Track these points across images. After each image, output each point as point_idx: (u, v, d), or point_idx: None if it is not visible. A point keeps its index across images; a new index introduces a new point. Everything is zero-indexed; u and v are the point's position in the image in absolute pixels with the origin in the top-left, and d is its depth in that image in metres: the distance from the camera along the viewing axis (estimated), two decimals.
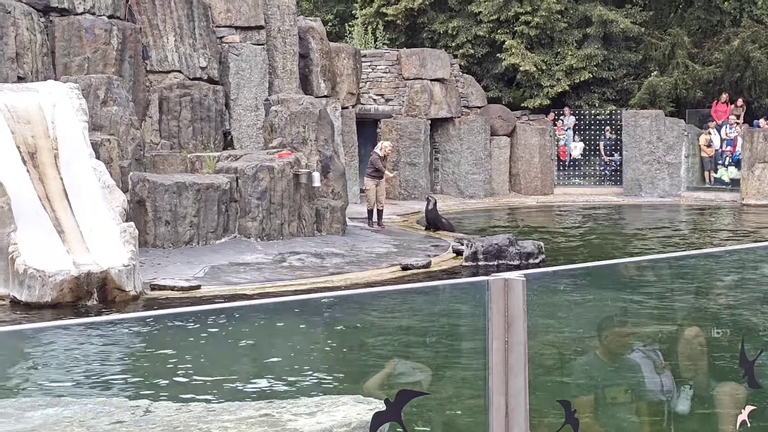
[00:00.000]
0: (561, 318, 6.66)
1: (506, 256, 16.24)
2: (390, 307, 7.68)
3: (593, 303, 6.52)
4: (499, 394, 3.67)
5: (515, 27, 30.10)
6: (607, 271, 5.65)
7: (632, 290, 6.47)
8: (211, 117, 20.87)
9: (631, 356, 5.54)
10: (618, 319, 6.16)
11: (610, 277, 6.00)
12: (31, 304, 12.83)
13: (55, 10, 19.15)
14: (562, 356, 5.88)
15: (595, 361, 5.44)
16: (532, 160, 29.06)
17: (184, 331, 8.42)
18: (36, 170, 14.52)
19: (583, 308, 6.74)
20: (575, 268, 5.51)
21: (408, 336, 7.97)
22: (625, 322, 6.25)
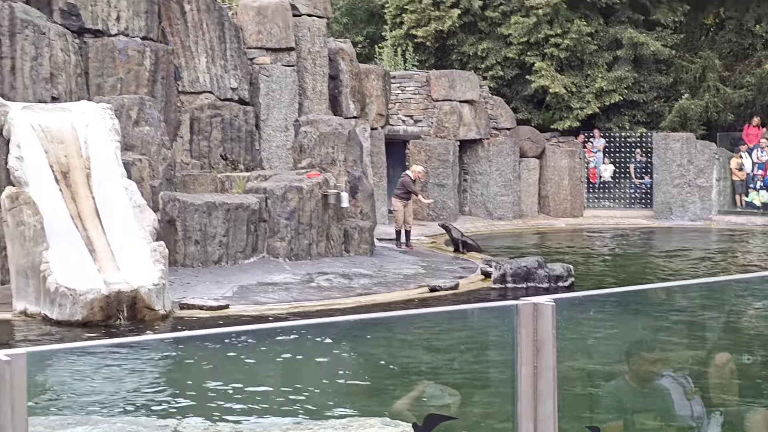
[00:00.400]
0: (590, 342, 6.63)
1: (535, 278, 16.18)
2: (418, 329, 7.68)
3: (623, 327, 6.49)
4: (528, 419, 3.66)
5: (545, 49, 30.09)
6: (637, 296, 5.62)
7: (662, 315, 6.43)
8: (241, 137, 20.98)
9: (660, 382, 5.50)
10: (648, 344, 6.13)
11: (640, 302, 5.98)
12: (61, 322, 12.91)
13: (89, 31, 19.34)
14: (592, 381, 5.86)
15: (625, 386, 5.42)
16: (562, 182, 28.98)
17: (214, 350, 8.44)
18: (69, 189, 14.64)
19: (612, 333, 6.71)
20: (605, 294, 5.49)
21: (436, 359, 7.96)
22: (655, 348, 6.22)
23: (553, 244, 24.06)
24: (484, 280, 16.93)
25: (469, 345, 6.88)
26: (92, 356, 7.96)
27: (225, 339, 7.30)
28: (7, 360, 3.00)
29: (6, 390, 2.98)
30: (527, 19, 29.84)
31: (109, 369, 8.76)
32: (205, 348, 8.17)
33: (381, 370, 8.79)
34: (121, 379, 8.73)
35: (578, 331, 5.72)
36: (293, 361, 8.22)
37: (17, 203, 13.97)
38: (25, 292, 13.61)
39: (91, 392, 8.29)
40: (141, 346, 8.84)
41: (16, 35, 18.09)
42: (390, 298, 15.23)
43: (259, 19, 21.63)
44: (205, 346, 7.53)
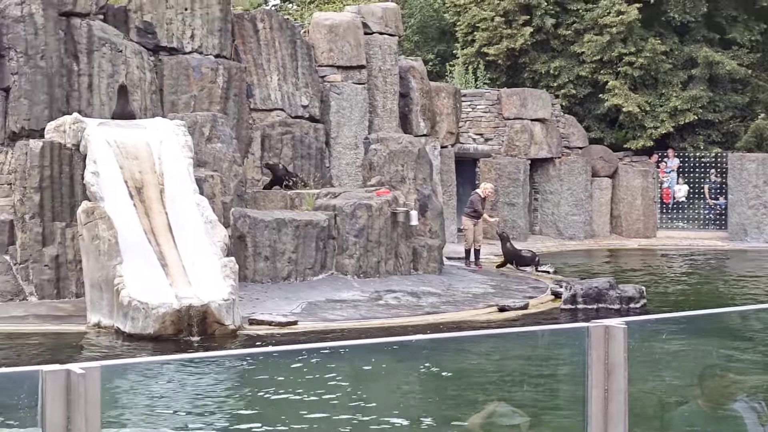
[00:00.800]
0: (662, 366, 6.54)
1: (606, 299, 15.99)
2: (487, 349, 7.64)
3: (695, 351, 6.39)
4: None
5: (618, 67, 29.84)
6: (711, 320, 5.54)
7: (736, 339, 6.33)
8: (312, 155, 21.12)
9: (733, 406, 5.41)
10: (721, 368, 6.03)
11: (714, 326, 5.89)
12: (133, 335, 13.08)
13: (165, 49, 19.65)
14: (663, 405, 5.78)
15: (697, 410, 5.33)
16: (635, 202, 28.66)
17: (283, 366, 8.48)
18: (142, 205, 14.85)
19: (684, 356, 6.61)
20: (678, 317, 5.41)
21: (505, 380, 7.91)
22: (728, 372, 6.12)
23: (625, 265, 23.80)
24: (554, 300, 16.79)
25: (539, 367, 6.83)
26: (164, 370, 8.04)
27: (295, 355, 7.34)
28: (82, 373, 3.05)
29: (81, 403, 3.03)
30: (600, 37, 29.64)
31: (180, 383, 8.85)
32: (275, 364, 8.21)
33: (449, 389, 8.76)
34: (191, 393, 8.81)
35: (650, 354, 5.64)
36: (362, 380, 8.23)
37: (93, 218, 14.21)
38: (99, 305, 13.82)
39: (162, 406, 8.38)
40: (211, 361, 8.92)
41: (93, 53, 18.44)
42: (459, 318, 15.17)
43: (330, 37, 21.79)
44: (275, 362, 7.57)
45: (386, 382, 8.49)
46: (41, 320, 14.00)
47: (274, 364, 8.01)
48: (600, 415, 3.62)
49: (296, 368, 8.25)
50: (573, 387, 4.14)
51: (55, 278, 15.44)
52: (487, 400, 7.15)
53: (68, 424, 3.05)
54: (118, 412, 7.55)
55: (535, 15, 30.46)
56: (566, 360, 5.01)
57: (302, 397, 8.45)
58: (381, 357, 6.99)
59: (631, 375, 3.67)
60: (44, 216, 15.50)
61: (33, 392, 3.08)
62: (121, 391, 7.52)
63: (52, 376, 3.05)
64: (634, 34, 29.81)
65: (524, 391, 7.47)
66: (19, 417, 6.30)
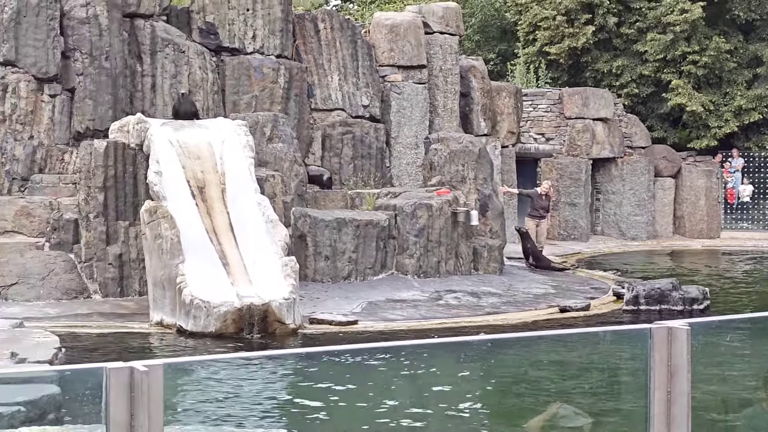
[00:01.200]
0: (725, 368, 6.45)
1: (669, 301, 15.81)
2: (549, 350, 7.59)
3: (760, 353, 6.30)
4: None
5: (682, 66, 29.49)
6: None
7: None
8: (372, 154, 21.15)
9: None
10: None
11: None
12: (195, 333, 13.20)
13: (226, 49, 19.81)
14: (727, 408, 5.70)
15: (761, 413, 5.25)
16: (698, 202, 28.31)
17: (342, 365, 8.51)
18: (204, 204, 14.99)
19: (749, 359, 6.51)
20: (742, 318, 5.34)
21: (567, 381, 7.86)
22: None
23: (688, 266, 23.51)
24: (616, 301, 16.64)
25: (601, 368, 6.78)
26: (225, 368, 8.11)
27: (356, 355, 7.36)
28: (145, 371, 3.08)
29: (144, 400, 3.06)
30: (664, 35, 29.31)
31: (241, 381, 8.91)
32: (335, 362, 8.24)
33: (510, 390, 8.72)
34: (253, 391, 8.87)
35: (714, 356, 5.57)
36: (422, 380, 8.22)
37: (155, 217, 14.37)
38: (162, 303, 13.97)
39: (224, 404, 8.45)
40: (273, 360, 8.97)
41: (156, 53, 18.66)
42: (519, 318, 15.10)
43: (391, 37, 21.81)
44: (336, 361, 7.60)
45: (446, 382, 8.48)
46: (105, 318, 14.19)
47: (334, 362, 8.03)
48: (663, 418, 3.58)
49: (356, 367, 8.27)
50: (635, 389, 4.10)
51: (118, 276, 15.65)
52: (548, 401, 7.12)
53: (131, 421, 3.08)
54: (180, 409, 7.62)
55: (597, 13, 30.22)
56: (628, 362, 4.96)
57: (361, 396, 8.47)
58: (441, 357, 6.98)
59: (694, 377, 3.63)
60: (108, 215, 15.71)
61: (97, 389, 3.12)
62: (184, 389, 7.59)
63: (115, 373, 3.09)
64: (698, 32, 29.43)
65: (586, 393, 7.42)
66: (83, 413, 6.39)
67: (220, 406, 8.33)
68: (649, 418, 3.58)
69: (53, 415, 7.31)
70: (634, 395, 4.97)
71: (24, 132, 17.46)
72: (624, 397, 5.97)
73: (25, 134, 17.47)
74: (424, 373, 7.93)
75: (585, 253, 24.66)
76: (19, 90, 17.41)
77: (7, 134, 17.35)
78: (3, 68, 17.45)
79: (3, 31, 17.35)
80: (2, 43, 17.38)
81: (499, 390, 8.79)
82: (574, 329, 11.57)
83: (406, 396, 8.36)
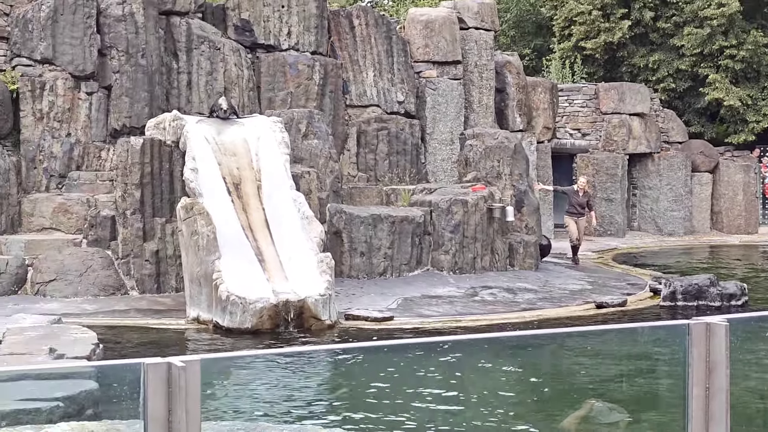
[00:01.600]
0: (765, 364, 6.39)
1: (707, 297, 15.69)
2: (585, 346, 7.56)
3: None
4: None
5: (719, 61, 29.25)
6: None
7: None
8: (407, 150, 21.14)
9: None
10: None
11: None
12: (232, 329, 13.26)
13: (262, 46, 19.87)
14: (766, 404, 5.64)
15: None
16: (736, 197, 28.07)
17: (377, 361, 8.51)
18: (240, 201, 15.05)
19: None
20: None
21: (604, 377, 7.82)
22: None
23: (726, 262, 23.31)
24: (653, 297, 16.54)
25: (639, 364, 6.73)
26: (262, 364, 8.13)
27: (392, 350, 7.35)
28: (182, 366, 3.10)
29: (182, 396, 3.08)
30: (701, 30, 29.08)
31: (277, 377, 8.94)
32: (370, 358, 8.24)
33: (547, 386, 8.69)
34: (289, 387, 8.89)
35: (753, 352, 5.52)
36: (457, 376, 8.21)
37: (192, 213, 14.44)
38: (198, 299, 14.04)
39: (260, 399, 8.48)
40: (308, 355, 8.99)
41: (192, 50, 18.75)
42: (555, 314, 15.04)
43: (426, 33, 21.78)
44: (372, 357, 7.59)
45: (481, 378, 8.46)
46: (142, 314, 14.28)
47: (369, 358, 8.03)
48: (701, 414, 3.55)
49: (391, 363, 8.27)
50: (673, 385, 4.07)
51: (155, 273, 15.74)
52: (584, 397, 7.08)
53: (169, 416, 3.10)
54: (217, 404, 7.66)
55: (633, 8, 30.03)
56: (666, 358, 4.93)
57: (397, 392, 8.47)
58: (476, 352, 6.96)
59: (732, 373, 3.60)
60: (145, 212, 15.81)
61: (135, 385, 3.14)
62: (221, 384, 7.63)
63: (153, 369, 3.10)
64: (735, 26, 29.18)
65: (623, 389, 7.38)
66: (121, 409, 6.44)
67: (256, 400, 8.36)
68: (687, 414, 3.55)
69: (91, 410, 7.36)
70: (672, 391, 4.94)
71: (61, 129, 17.61)
72: (662, 393, 5.93)
73: (63, 132, 17.62)
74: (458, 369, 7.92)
75: (621, 249, 24.53)
76: (56, 88, 17.56)
77: (44, 132, 17.50)
78: (41, 66, 17.60)
79: (40, 30, 17.50)
80: (39, 41, 17.53)
81: (534, 387, 8.76)
82: (611, 325, 11.50)
83: (439, 392, 8.35)
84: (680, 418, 3.62)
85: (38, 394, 7.23)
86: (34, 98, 17.50)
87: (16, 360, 9.22)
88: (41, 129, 17.52)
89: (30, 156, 17.39)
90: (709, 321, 3.62)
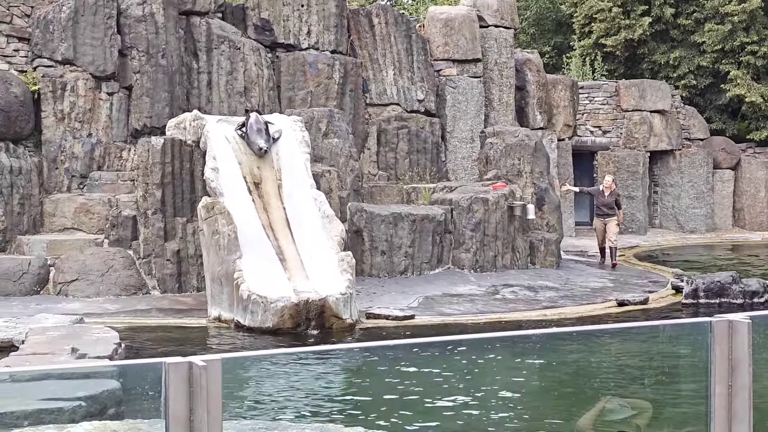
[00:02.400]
0: None
1: (729, 294, 15.62)
2: (606, 344, 7.53)
3: None
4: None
5: (741, 57, 29.09)
6: None
7: None
8: (427, 149, 21.12)
9: None
10: None
11: None
12: (253, 328, 13.28)
13: (282, 45, 19.90)
14: None
15: None
16: (758, 194, 27.92)
17: (399, 360, 8.51)
18: (261, 200, 15.07)
19: None
20: None
21: (626, 375, 7.79)
22: None
23: (748, 259, 23.18)
24: (674, 295, 16.47)
25: (660, 362, 6.70)
26: (283, 363, 8.14)
27: (413, 348, 7.35)
28: (203, 366, 3.10)
29: (203, 395, 3.08)
30: (722, 26, 28.93)
31: (299, 376, 8.95)
32: (392, 357, 8.24)
33: (568, 384, 8.67)
34: (310, 386, 8.90)
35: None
36: (477, 373, 8.19)
37: (213, 213, 14.48)
38: (220, 299, 14.07)
39: (281, 398, 8.49)
40: (330, 354, 8.99)
41: (212, 50, 18.80)
42: (577, 312, 15.01)
43: (446, 31, 21.76)
44: (394, 356, 7.60)
45: (504, 376, 8.44)
46: (164, 314, 14.33)
47: (390, 357, 8.03)
48: (724, 412, 3.53)
49: (413, 361, 8.27)
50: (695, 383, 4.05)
51: (176, 272, 15.79)
52: (606, 394, 7.06)
53: (191, 416, 3.11)
54: (239, 403, 7.67)
55: (653, 5, 29.90)
56: (688, 355, 4.90)
57: (418, 390, 8.47)
58: (498, 351, 6.94)
59: (755, 371, 3.58)
60: (166, 211, 15.86)
61: (156, 384, 3.14)
62: (242, 384, 7.64)
63: (174, 368, 3.11)
64: (756, 22, 29.01)
65: (645, 388, 7.35)
66: (143, 408, 6.46)
67: (278, 399, 8.37)
68: (709, 412, 3.54)
69: (113, 410, 7.39)
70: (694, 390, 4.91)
71: (82, 130, 17.69)
72: (684, 391, 5.89)
73: (84, 132, 17.70)
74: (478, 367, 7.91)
75: (643, 247, 24.44)
76: (77, 88, 17.64)
77: (66, 132, 17.58)
78: (62, 67, 17.68)
79: (61, 31, 17.58)
80: (60, 42, 17.61)
81: (556, 384, 8.74)
82: (633, 323, 11.46)
83: (459, 390, 8.34)
84: (703, 416, 3.60)
85: (60, 394, 7.26)
86: (55, 99, 17.58)
87: (39, 360, 9.27)
88: (62, 129, 17.60)
89: (51, 156, 17.48)
90: (732, 318, 3.60)
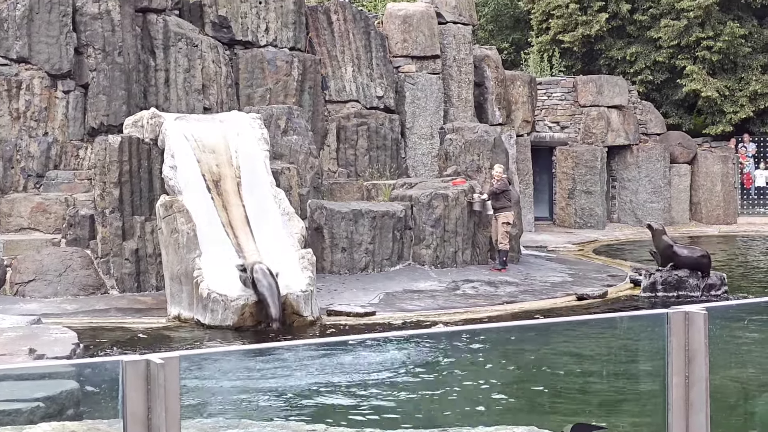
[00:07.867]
0: (744, 353, 6.42)
1: (687, 287, 15.78)
2: (565, 337, 7.57)
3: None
4: (680, 430, 3.56)
5: (696, 52, 29.35)
6: None
7: None
8: (387, 145, 21.13)
9: None
10: None
11: None
12: (213, 327, 13.22)
13: (240, 43, 19.82)
14: (746, 393, 5.66)
15: None
16: (714, 188, 28.20)
17: (360, 356, 8.51)
18: (220, 198, 15.00)
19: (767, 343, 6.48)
20: (760, 302, 5.31)
21: (584, 367, 7.83)
22: None
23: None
24: (633, 288, 16.61)
25: (618, 354, 6.75)
26: (242, 360, 8.12)
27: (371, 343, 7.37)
28: (161, 363, 3.08)
29: (160, 392, 3.06)
30: (678, 22, 29.18)
31: (259, 373, 8.93)
32: (351, 352, 8.24)
33: (528, 377, 8.71)
34: (270, 383, 8.88)
35: (732, 341, 5.54)
36: (440, 369, 8.22)
37: (171, 211, 14.40)
38: (179, 297, 14.00)
39: (243, 396, 8.47)
40: (289, 351, 8.98)
41: (170, 48, 18.68)
42: (537, 306, 15.08)
43: (404, 28, 21.77)
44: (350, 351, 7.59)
45: (463, 370, 8.47)
46: (123, 313, 14.23)
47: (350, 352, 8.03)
48: (681, 402, 3.56)
49: (374, 357, 8.28)
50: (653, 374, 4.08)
51: (135, 272, 15.68)
52: (565, 387, 7.11)
53: (148, 414, 3.08)
54: (198, 401, 7.64)
55: (610, 1, 30.10)
56: (645, 347, 4.95)
57: (380, 386, 8.48)
58: (458, 346, 6.96)
59: (712, 362, 3.61)
60: (124, 210, 15.75)
61: (114, 383, 3.12)
62: (200, 381, 7.61)
63: (132, 366, 3.09)
64: (712, 18, 29.29)
65: (602, 379, 7.40)
66: (102, 408, 6.41)
67: (237, 397, 8.35)
68: (667, 403, 3.56)
69: (72, 410, 7.33)
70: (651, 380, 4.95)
71: (38, 129, 17.52)
72: (642, 383, 5.94)
73: (40, 131, 17.53)
74: (440, 362, 7.94)
75: (601, 241, 24.60)
76: (32, 87, 17.46)
77: (21, 131, 17.41)
78: (17, 65, 17.50)
79: (16, 29, 17.39)
80: (15, 40, 17.42)
81: (515, 378, 8.78)
82: (591, 315, 11.53)
83: (422, 385, 8.36)
84: (660, 407, 3.63)
85: (18, 395, 7.19)
86: (10, 97, 17.40)
87: None
88: (18, 128, 17.42)
89: (7, 156, 17.29)
90: (688, 310, 3.63)
